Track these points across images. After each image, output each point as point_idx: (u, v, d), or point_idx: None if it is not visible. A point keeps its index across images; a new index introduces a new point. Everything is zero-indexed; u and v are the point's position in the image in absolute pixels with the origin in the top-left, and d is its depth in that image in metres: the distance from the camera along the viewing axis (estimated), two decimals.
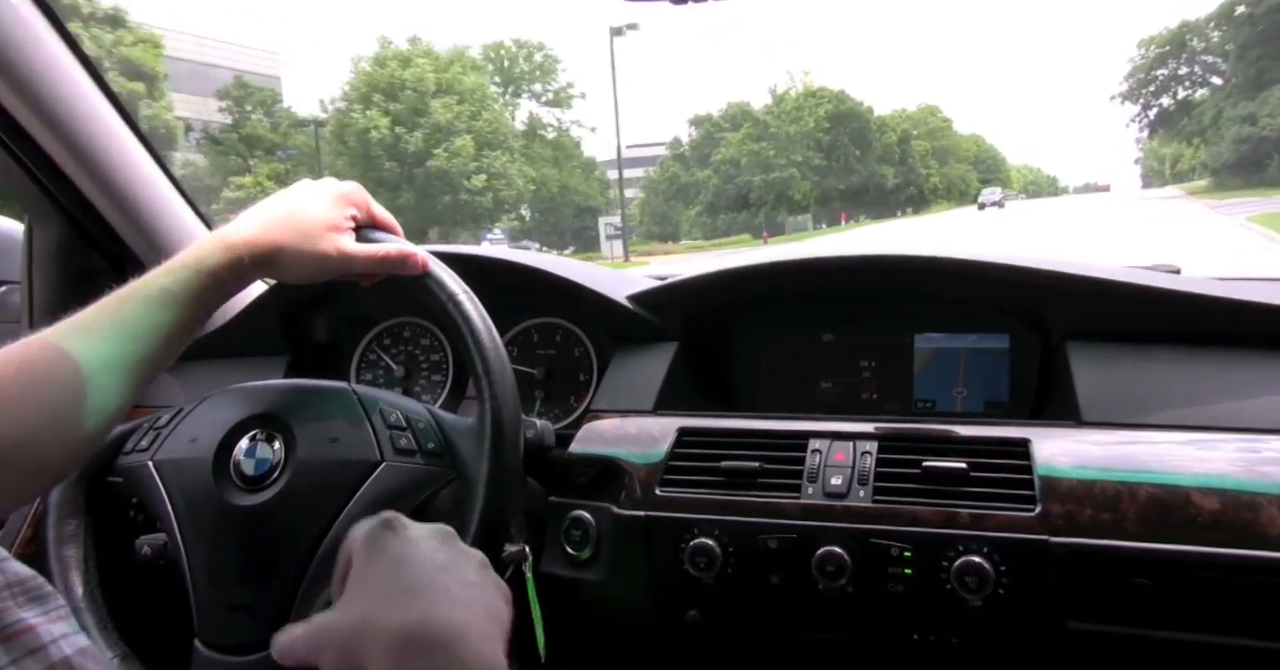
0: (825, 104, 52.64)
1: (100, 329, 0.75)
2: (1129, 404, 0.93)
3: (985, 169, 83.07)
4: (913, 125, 65.72)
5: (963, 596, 0.83)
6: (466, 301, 0.84)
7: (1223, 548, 0.77)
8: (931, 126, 68.26)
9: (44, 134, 1.15)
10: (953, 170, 68.08)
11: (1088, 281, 1.03)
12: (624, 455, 1.00)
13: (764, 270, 1.19)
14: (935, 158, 65.27)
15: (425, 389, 1.34)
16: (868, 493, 0.90)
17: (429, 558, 0.62)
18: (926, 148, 63.92)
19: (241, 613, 0.80)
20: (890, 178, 55.41)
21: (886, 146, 55.90)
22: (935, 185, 63.83)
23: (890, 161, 56.18)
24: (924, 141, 64.56)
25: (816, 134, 51.15)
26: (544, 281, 1.21)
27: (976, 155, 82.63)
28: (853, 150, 52.88)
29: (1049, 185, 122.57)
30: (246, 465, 0.83)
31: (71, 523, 0.92)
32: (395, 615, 0.56)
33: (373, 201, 0.90)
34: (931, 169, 63.38)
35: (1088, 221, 23.57)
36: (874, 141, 54.35)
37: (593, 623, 1.05)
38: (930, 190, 63.08)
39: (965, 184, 70.72)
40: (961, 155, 72.82)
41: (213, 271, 0.80)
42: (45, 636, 0.49)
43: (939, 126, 69.66)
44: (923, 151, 62.89)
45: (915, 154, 59.75)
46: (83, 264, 1.27)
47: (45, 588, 0.52)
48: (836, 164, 52.14)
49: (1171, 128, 49.82)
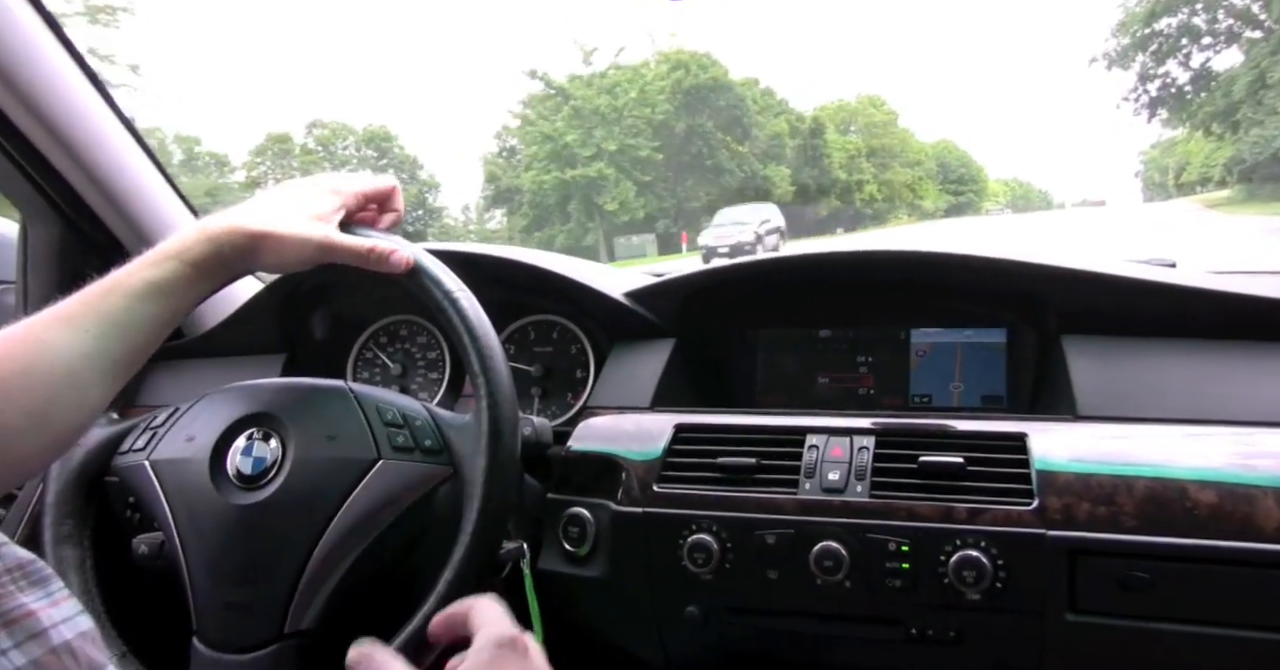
0: (676, 72, 37.37)
1: (83, 321, 0.74)
2: (1126, 398, 0.94)
3: (956, 179, 70.14)
4: (846, 117, 53.47)
5: (961, 590, 0.83)
6: (463, 299, 0.84)
7: (1219, 540, 0.78)
8: (870, 121, 55.55)
9: (37, 132, 1.15)
10: (897, 176, 53.54)
11: (1084, 275, 1.03)
12: (621, 452, 1.00)
13: (761, 266, 1.19)
14: (873, 159, 51.75)
15: (422, 387, 1.34)
16: (865, 488, 0.90)
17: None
18: (858, 146, 49.95)
19: (240, 611, 0.80)
20: (784, 182, 40.65)
21: (774, 136, 41.61)
22: (871, 194, 50.10)
23: (781, 157, 42.06)
24: (856, 139, 51.08)
25: (657, 115, 36.56)
26: (541, 278, 1.21)
27: (943, 162, 69.45)
28: (723, 140, 38.58)
29: (1040, 199, 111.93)
30: (244, 464, 0.83)
31: (69, 523, 0.92)
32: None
33: (369, 191, 0.90)
34: (864, 173, 49.32)
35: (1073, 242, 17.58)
36: (754, 129, 40.20)
37: (591, 619, 1.05)
38: (864, 200, 49.40)
39: (915, 194, 56.85)
40: (910, 158, 57.93)
41: (195, 262, 0.79)
42: (46, 621, 0.49)
43: (881, 121, 56.15)
44: (851, 151, 48.74)
45: (833, 151, 45.89)
46: (78, 263, 1.27)
47: (46, 571, 0.52)
48: (687, 158, 37.86)
49: (1183, 109, 33.35)
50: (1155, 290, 1.00)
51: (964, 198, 68.97)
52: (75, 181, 1.21)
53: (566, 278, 1.19)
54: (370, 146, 39.28)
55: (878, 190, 52.18)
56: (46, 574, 0.52)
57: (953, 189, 68.87)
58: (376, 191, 0.91)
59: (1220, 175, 38.13)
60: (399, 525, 0.82)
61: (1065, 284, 1.04)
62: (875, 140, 54.68)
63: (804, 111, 47.53)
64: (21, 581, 0.50)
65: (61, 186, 1.22)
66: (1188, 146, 62.93)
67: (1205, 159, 54.36)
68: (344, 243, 0.84)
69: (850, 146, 50.33)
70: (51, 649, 0.48)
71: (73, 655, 0.49)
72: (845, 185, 46.50)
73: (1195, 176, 60.48)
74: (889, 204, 53.97)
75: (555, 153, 35.61)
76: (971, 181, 73.79)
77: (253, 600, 0.80)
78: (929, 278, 1.17)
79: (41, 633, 0.48)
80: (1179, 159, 67.33)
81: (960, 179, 71.57)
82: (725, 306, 1.25)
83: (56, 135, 1.16)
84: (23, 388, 0.71)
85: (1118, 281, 1.02)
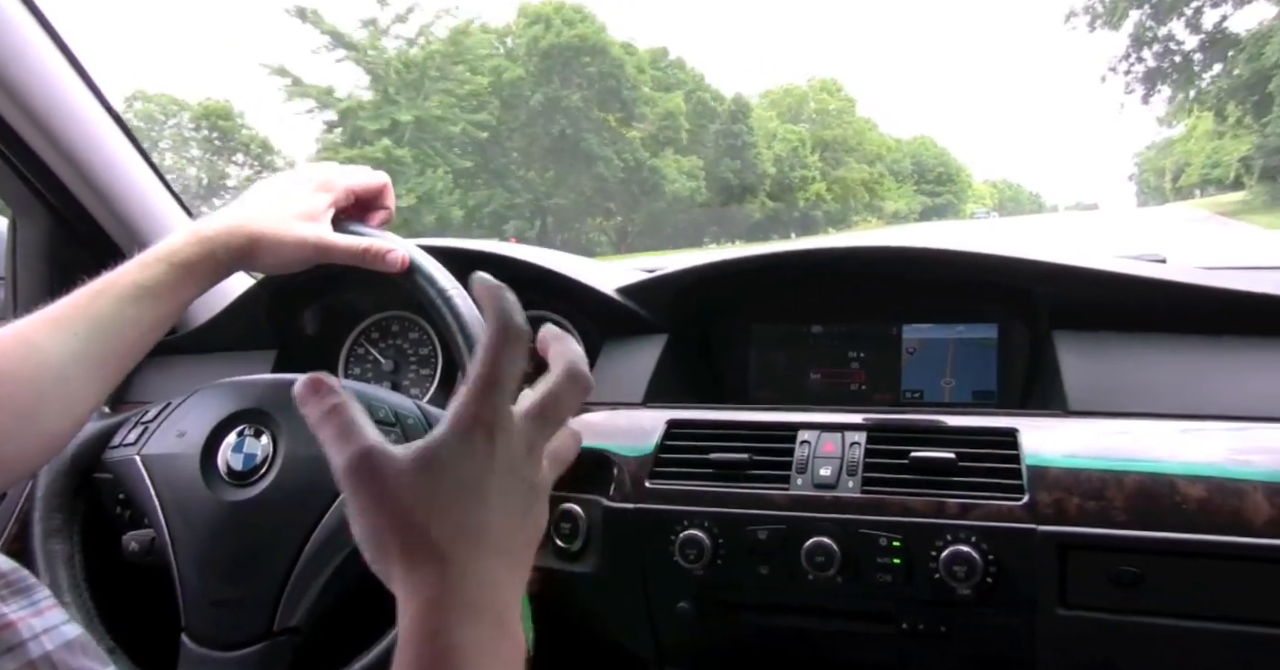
0: (534, 27, 29.66)
1: (72, 324, 0.74)
2: (1116, 393, 0.94)
3: (933, 178, 62.95)
4: (793, 103, 45.47)
5: (952, 585, 0.84)
6: (456, 296, 0.84)
7: (1209, 534, 0.78)
8: (822, 108, 47.27)
9: (26, 127, 1.14)
10: (851, 173, 45.51)
11: (1074, 271, 1.03)
12: (614, 448, 1.00)
13: (752, 262, 1.19)
14: (825, 154, 44.61)
15: (414, 383, 1.33)
16: (856, 483, 0.90)
17: (506, 498, 0.54)
18: (801, 136, 42.27)
19: (229, 608, 0.80)
20: (682, 177, 32.82)
21: (667, 116, 33.45)
22: (818, 194, 42.52)
23: (677, 143, 34.13)
24: (802, 128, 43.72)
25: (505, 82, 28.96)
26: (533, 274, 1.21)
27: (919, 160, 61.86)
28: (599, 119, 30.56)
29: (1031, 202, 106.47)
30: (235, 460, 0.83)
31: (58, 517, 0.92)
32: (454, 558, 0.51)
33: (358, 186, 0.89)
34: (809, 168, 41.53)
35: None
36: (641, 106, 32.47)
37: (583, 615, 1.05)
38: (808, 200, 41.84)
39: (874, 194, 48.91)
40: (868, 153, 49.65)
41: (186, 264, 0.79)
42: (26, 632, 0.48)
43: (835, 109, 47.71)
44: (792, 141, 41.14)
45: (762, 140, 38.08)
46: (68, 259, 1.27)
47: (29, 580, 0.52)
48: (547, 140, 29.43)
49: (1189, 83, 25.40)
50: (1146, 286, 1.01)
51: (942, 199, 62.86)
52: (65, 177, 1.21)
53: (558, 273, 1.19)
54: (208, 125, 30.70)
55: (827, 189, 44.13)
56: (30, 583, 0.51)
57: (929, 190, 62.56)
58: (366, 188, 0.90)
59: (1236, 173, 31.51)
60: None
61: (1056, 279, 1.05)
62: (826, 131, 46.18)
63: (740, 92, 39.64)
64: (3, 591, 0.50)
65: (51, 182, 1.21)
66: (1187, 145, 57.04)
67: (1209, 158, 49.00)
68: (338, 243, 0.84)
69: (792, 136, 42.47)
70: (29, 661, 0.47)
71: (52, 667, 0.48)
72: (782, 182, 39.23)
73: (1196, 179, 55.04)
74: (842, 205, 45.71)
75: (345, 126, 27.28)
76: (950, 181, 66.79)
77: (242, 597, 0.80)
78: (920, 273, 1.17)
79: (20, 645, 0.47)
80: (1177, 160, 61.50)
81: (938, 178, 64.95)
82: (717, 302, 1.25)
83: (45, 130, 1.15)
84: (12, 390, 0.71)
85: (1108, 277, 1.02)
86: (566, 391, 0.57)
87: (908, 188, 60.36)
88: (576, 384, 0.57)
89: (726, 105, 37.91)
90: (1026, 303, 1.10)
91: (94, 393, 0.77)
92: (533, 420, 0.55)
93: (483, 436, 0.52)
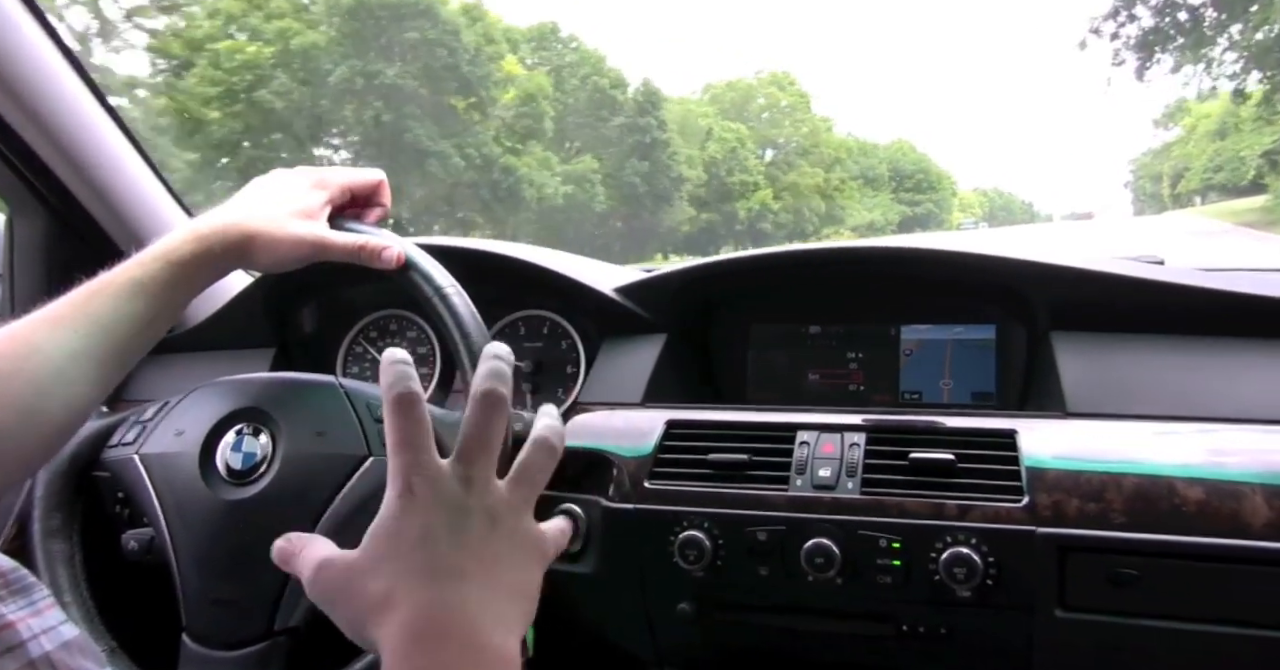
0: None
1: (71, 321, 0.74)
2: (1115, 394, 0.94)
3: (912, 186, 58.06)
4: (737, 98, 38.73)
5: (951, 587, 0.84)
6: (454, 296, 0.84)
7: (1207, 537, 0.78)
8: (772, 103, 40.38)
9: (24, 125, 1.14)
10: (803, 177, 38.57)
11: (1072, 272, 1.03)
12: (612, 448, 1.00)
13: (750, 262, 1.19)
14: (775, 156, 38.56)
15: None
16: (856, 484, 0.90)
17: (454, 530, 0.59)
18: (741, 136, 36.24)
19: (228, 607, 0.80)
20: (553, 181, 25.14)
21: (528, 101, 25.18)
22: (763, 202, 36.29)
23: (539, 135, 26.32)
24: (740, 126, 36.63)
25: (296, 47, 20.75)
26: (532, 273, 1.21)
27: (897, 166, 56.47)
28: (432, 104, 22.49)
29: (1024, 211, 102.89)
30: (233, 459, 0.83)
31: (57, 516, 0.92)
32: (411, 595, 0.57)
33: (354, 184, 0.89)
34: (751, 173, 35.90)
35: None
36: (489, 88, 23.64)
37: (583, 616, 1.05)
38: (751, 210, 35.49)
39: (834, 202, 41.68)
40: (824, 156, 42.72)
41: (183, 262, 0.79)
42: (25, 633, 0.48)
43: (787, 105, 40.89)
44: (729, 141, 34.90)
45: (685, 139, 31.58)
46: (65, 256, 1.26)
47: (29, 579, 0.52)
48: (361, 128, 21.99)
49: (1197, 46, 19.25)
50: (1144, 287, 1.01)
51: (923, 208, 58.48)
52: (62, 175, 1.20)
53: (557, 272, 1.19)
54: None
55: (774, 196, 37.27)
56: (29, 582, 0.51)
57: (908, 198, 57.66)
58: (362, 185, 0.90)
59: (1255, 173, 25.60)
60: None
61: (1054, 280, 1.05)
62: (774, 130, 39.11)
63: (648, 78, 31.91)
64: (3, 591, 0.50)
65: (48, 180, 1.21)
66: (1186, 148, 53.03)
67: (1210, 161, 44.86)
68: (335, 241, 0.84)
69: (729, 135, 35.86)
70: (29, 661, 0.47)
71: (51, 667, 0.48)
72: (719, 188, 33.04)
73: (1196, 184, 50.85)
74: (795, 216, 38.48)
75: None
76: (931, 189, 61.12)
77: (241, 596, 0.80)
78: (918, 274, 1.17)
79: (19, 645, 0.47)
80: (1175, 164, 57.01)
81: (918, 186, 59.70)
82: (716, 302, 1.25)
83: (42, 127, 1.15)
84: (11, 388, 0.71)
85: (1107, 278, 1.02)
86: (538, 459, 0.65)
87: (884, 196, 55.16)
88: (547, 453, 0.65)
89: (631, 94, 30.58)
90: (1025, 304, 1.10)
91: (93, 391, 0.77)
92: (511, 482, 0.63)
93: (419, 487, 0.59)
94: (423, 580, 0.57)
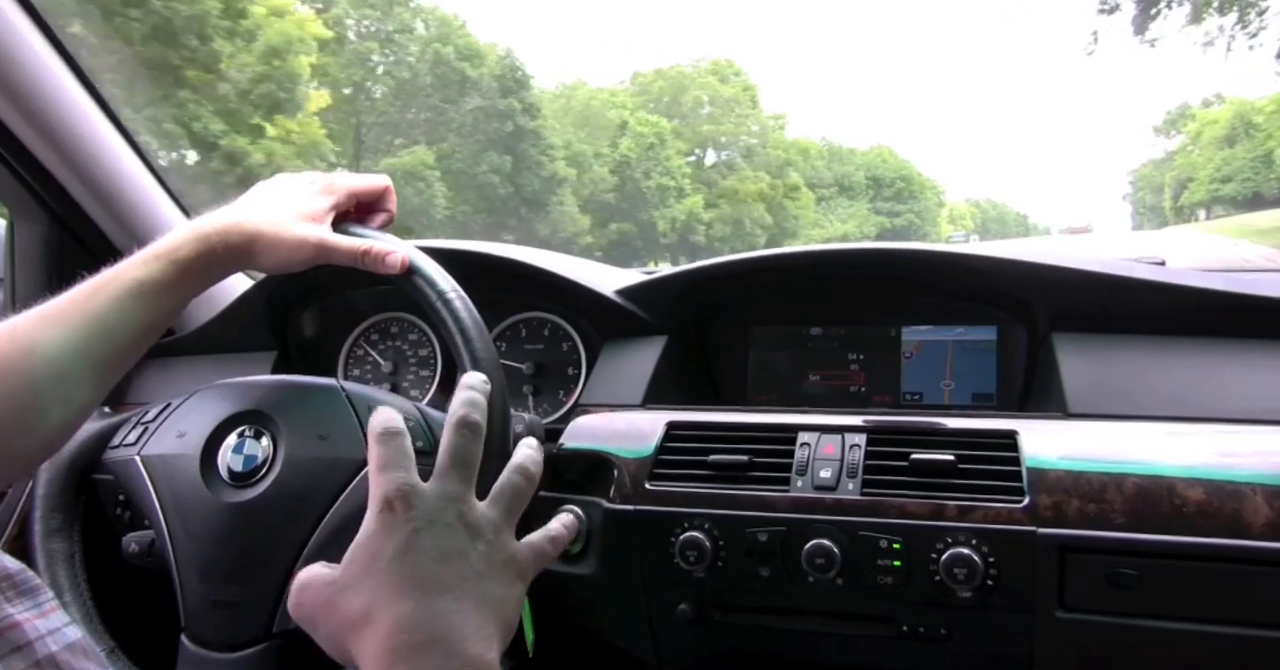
0: None
1: (70, 320, 0.74)
2: (1116, 395, 0.94)
3: (891, 196, 51.88)
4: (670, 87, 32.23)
5: (952, 588, 0.84)
6: (456, 299, 0.84)
7: (1208, 537, 0.78)
8: (714, 94, 34.03)
9: (24, 128, 1.14)
10: (743, 184, 32.58)
11: (1073, 273, 1.03)
12: (613, 450, 1.00)
13: (751, 264, 1.19)
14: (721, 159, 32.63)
15: (413, 384, 1.33)
16: (856, 485, 0.90)
17: (434, 545, 0.61)
18: (660, 131, 29.81)
19: (228, 609, 0.80)
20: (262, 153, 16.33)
21: (269, 56, 17.70)
22: (692, 212, 30.13)
23: (287, 111, 18.75)
24: (660, 119, 30.49)
25: None
26: (533, 276, 1.21)
27: (875, 174, 50.74)
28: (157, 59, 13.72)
29: (1018, 223, 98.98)
30: (234, 461, 0.83)
31: (58, 516, 0.92)
32: (391, 609, 0.58)
33: (356, 184, 0.89)
34: (672, 177, 29.55)
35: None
36: (217, 41, 15.89)
37: (583, 617, 1.05)
38: (673, 220, 29.42)
39: (783, 212, 35.31)
40: (772, 158, 36.53)
41: (185, 262, 0.79)
42: (31, 633, 0.49)
43: (727, 97, 35.17)
44: (645, 137, 28.69)
45: (560, 132, 25.10)
46: (66, 260, 1.27)
47: (34, 581, 0.52)
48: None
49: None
50: (1145, 288, 1.01)
51: (903, 219, 52.84)
52: (63, 178, 1.21)
53: (558, 275, 1.19)
54: None
55: (706, 206, 29.96)
56: (35, 584, 0.52)
57: (887, 208, 51.95)
58: (368, 190, 0.90)
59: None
60: None
61: (1055, 282, 1.05)
62: (713, 127, 31.46)
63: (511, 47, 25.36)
64: (9, 591, 0.50)
65: (49, 183, 1.21)
66: (1189, 157, 49.07)
67: (1217, 170, 40.97)
68: (339, 244, 0.84)
69: (646, 129, 28.65)
70: (35, 661, 0.48)
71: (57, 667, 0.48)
72: (632, 194, 25.72)
73: (1202, 195, 46.29)
74: (734, 228, 30.88)
75: None
76: (912, 198, 54.76)
77: (241, 599, 0.80)
78: (919, 275, 1.17)
79: (26, 645, 0.48)
80: (1178, 174, 51.72)
81: (898, 195, 53.29)
82: (717, 304, 1.25)
83: (43, 131, 1.16)
84: (9, 386, 0.71)
85: (1108, 279, 1.02)
86: (515, 481, 0.69)
87: (861, 206, 49.48)
88: (525, 478, 0.70)
89: (489, 68, 23.24)
90: (1026, 305, 1.10)
91: (92, 390, 0.77)
92: (491, 501, 0.67)
93: (399, 504, 0.61)
94: (401, 594, 0.58)
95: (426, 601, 0.58)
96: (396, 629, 0.57)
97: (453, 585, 0.60)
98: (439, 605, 0.58)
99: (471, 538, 0.63)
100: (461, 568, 0.61)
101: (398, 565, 0.59)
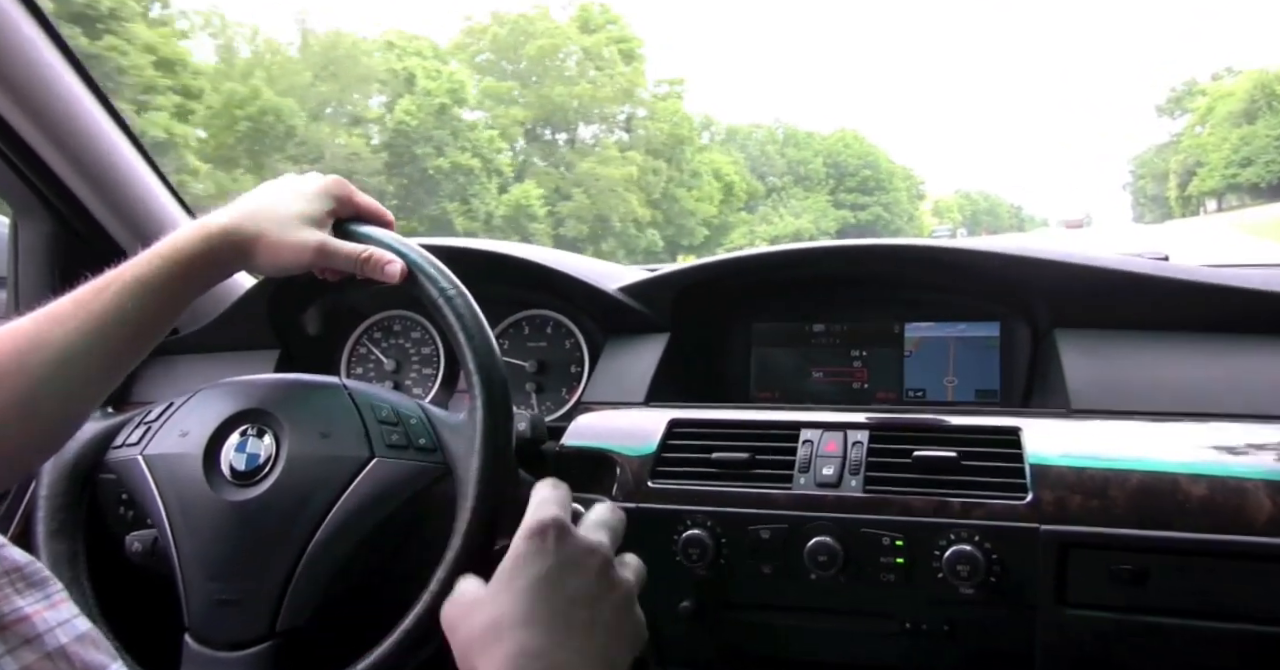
0: None
1: (73, 319, 0.75)
2: (1118, 391, 0.94)
3: (855, 186, 45.88)
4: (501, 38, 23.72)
5: (954, 584, 0.84)
6: (458, 297, 0.84)
7: (1211, 533, 0.78)
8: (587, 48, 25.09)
9: (27, 127, 1.14)
10: (609, 168, 24.19)
11: (1075, 268, 1.03)
12: (616, 447, 1.00)
13: (754, 260, 1.19)
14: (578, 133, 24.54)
15: (416, 382, 1.34)
16: (859, 482, 0.90)
17: (573, 585, 0.63)
18: (454, 84, 21.97)
19: (232, 608, 0.80)
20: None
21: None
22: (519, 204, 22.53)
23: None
24: (447, 69, 22.48)
25: None
26: (535, 273, 1.21)
27: (836, 161, 45.16)
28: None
29: (1011, 216, 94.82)
30: (237, 460, 0.83)
31: (61, 516, 0.92)
32: (519, 632, 0.60)
33: (359, 195, 0.90)
34: (482, 156, 22.01)
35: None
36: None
37: None
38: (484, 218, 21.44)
39: (678, 203, 27.54)
40: (653, 138, 27.50)
41: (188, 261, 0.80)
42: (41, 625, 0.49)
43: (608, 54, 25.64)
44: (438, 95, 20.87)
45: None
46: (69, 259, 1.27)
47: (43, 573, 0.52)
48: None
49: None
50: (1148, 283, 1.01)
51: (869, 212, 46.63)
52: (66, 178, 1.21)
53: (561, 272, 1.19)
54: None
55: (539, 196, 22.67)
56: (44, 576, 0.52)
57: (850, 200, 45.84)
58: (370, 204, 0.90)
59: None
60: (392, 523, 0.82)
61: (1057, 277, 1.04)
62: (562, 87, 23.85)
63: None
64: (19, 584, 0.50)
65: (52, 183, 1.21)
66: (1199, 139, 42.31)
67: (1234, 152, 34.96)
68: (339, 249, 0.84)
69: (433, 83, 20.81)
70: (46, 654, 0.48)
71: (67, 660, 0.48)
72: (421, 178, 19.27)
73: (1215, 183, 39.19)
74: (592, 225, 23.92)
75: None
76: (880, 189, 47.76)
77: (244, 597, 0.80)
78: (922, 272, 1.17)
79: (36, 637, 0.48)
80: (1185, 159, 44.26)
81: (863, 186, 46.46)
82: (719, 301, 1.25)
83: (47, 131, 1.15)
84: (13, 384, 0.71)
85: (1110, 274, 1.02)
86: (638, 567, 0.72)
87: (819, 197, 43.47)
88: (617, 516, 0.73)
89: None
90: (1028, 301, 1.10)
91: (96, 388, 0.77)
92: (626, 566, 0.70)
93: (551, 535, 0.64)
94: (532, 619, 0.60)
95: (554, 636, 0.60)
96: (519, 653, 0.59)
97: (580, 630, 0.62)
98: (567, 645, 0.60)
99: (608, 590, 0.65)
100: (592, 614, 0.63)
101: (535, 590, 0.62)
